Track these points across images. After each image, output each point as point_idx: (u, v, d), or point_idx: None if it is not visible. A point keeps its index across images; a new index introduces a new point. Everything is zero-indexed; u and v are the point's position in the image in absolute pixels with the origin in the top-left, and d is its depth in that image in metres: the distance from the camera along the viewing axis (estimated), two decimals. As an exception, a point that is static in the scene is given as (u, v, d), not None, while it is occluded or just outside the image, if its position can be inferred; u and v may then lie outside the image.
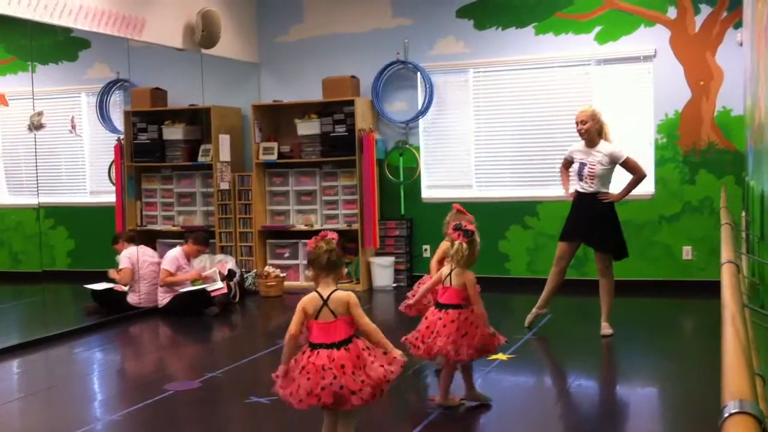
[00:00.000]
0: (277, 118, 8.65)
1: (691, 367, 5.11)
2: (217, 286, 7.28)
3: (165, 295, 7.23)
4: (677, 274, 7.44)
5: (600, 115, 5.79)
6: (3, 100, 7.77)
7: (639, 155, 6.27)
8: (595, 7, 7.61)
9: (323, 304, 3.33)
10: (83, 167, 8.87)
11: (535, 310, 6.09)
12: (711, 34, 7.27)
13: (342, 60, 8.43)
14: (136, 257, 7.34)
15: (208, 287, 7.23)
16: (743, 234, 4.67)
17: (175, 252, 7.35)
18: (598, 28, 7.61)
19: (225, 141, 8.38)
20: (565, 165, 6.02)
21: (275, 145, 8.41)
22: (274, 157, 8.39)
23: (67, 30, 7.01)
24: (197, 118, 8.69)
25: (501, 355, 5.11)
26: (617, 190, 5.84)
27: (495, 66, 7.99)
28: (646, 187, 6.93)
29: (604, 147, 5.75)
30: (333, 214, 8.38)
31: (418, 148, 8.30)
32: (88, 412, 4.63)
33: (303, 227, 8.36)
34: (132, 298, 7.27)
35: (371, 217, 8.04)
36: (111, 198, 8.50)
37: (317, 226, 8.22)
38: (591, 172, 5.74)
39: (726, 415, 1.12)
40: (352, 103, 8.04)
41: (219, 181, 8.31)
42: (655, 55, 7.43)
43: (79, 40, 8.21)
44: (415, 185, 8.31)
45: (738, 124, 7.10)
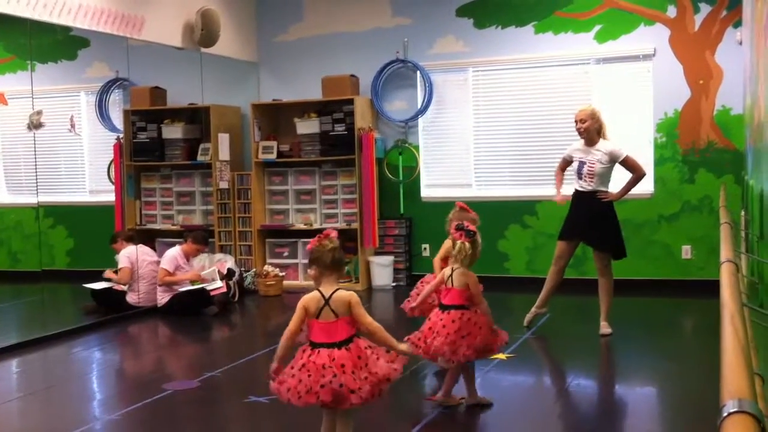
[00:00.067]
0: (276, 117, 8.64)
1: (690, 366, 5.11)
2: (216, 286, 7.27)
3: (164, 295, 7.23)
4: (676, 274, 7.44)
5: (599, 114, 5.79)
6: (2, 99, 7.76)
7: (638, 154, 6.27)
8: (594, 6, 7.61)
9: (325, 304, 3.32)
10: (82, 166, 8.86)
11: (534, 309, 6.09)
12: (710, 33, 7.27)
13: (341, 59, 8.42)
14: (135, 256, 7.33)
15: (207, 286, 7.22)
16: (742, 233, 4.67)
17: (173, 251, 7.34)
18: (597, 27, 7.61)
19: (224, 140, 8.37)
20: (563, 165, 6.01)
21: (274, 144, 8.41)
22: (274, 156, 8.39)
23: (66, 29, 6.99)
24: (196, 117, 8.68)
25: (500, 355, 5.10)
26: (616, 189, 5.85)
27: (494, 65, 7.99)
28: (645, 186, 6.94)
29: (604, 145, 5.75)
30: (332, 213, 8.38)
31: (417, 147, 8.29)
32: (87, 412, 4.63)
33: (302, 226, 8.36)
34: (131, 298, 7.26)
35: (370, 216, 8.03)
36: (110, 197, 8.49)
37: (316, 226, 8.22)
38: (590, 170, 5.74)
39: (725, 414, 1.12)
40: (351, 102, 8.04)
41: (218, 180, 8.31)
42: (654, 54, 7.42)
43: (79, 38, 8.19)
44: (414, 184, 8.31)
45: (737, 123, 7.09)
